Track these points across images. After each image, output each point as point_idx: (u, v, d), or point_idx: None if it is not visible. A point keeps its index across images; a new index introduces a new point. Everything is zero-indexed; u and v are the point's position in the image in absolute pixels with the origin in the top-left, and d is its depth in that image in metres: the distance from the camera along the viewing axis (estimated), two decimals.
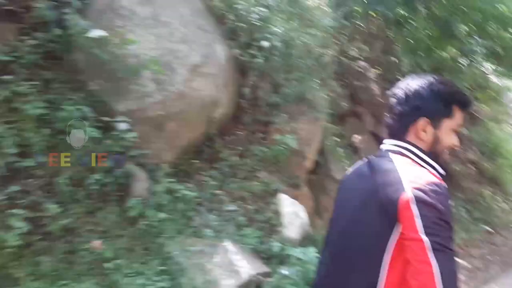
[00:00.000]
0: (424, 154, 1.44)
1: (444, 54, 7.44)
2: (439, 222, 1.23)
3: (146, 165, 3.78)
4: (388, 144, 1.50)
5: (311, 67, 4.94)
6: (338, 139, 6.02)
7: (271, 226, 4.11)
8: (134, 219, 3.51)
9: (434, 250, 1.19)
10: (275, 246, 3.88)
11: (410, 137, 1.46)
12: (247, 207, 4.12)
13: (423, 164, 1.42)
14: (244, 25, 4.66)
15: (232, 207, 4.02)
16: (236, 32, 4.69)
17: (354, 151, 6.51)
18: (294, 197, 4.61)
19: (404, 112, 1.46)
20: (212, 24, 4.61)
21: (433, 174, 1.39)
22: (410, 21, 7.15)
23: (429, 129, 1.44)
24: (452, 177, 8.48)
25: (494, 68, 9.54)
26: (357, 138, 6.61)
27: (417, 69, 7.86)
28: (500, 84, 11.20)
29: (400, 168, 1.37)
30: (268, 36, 4.60)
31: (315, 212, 5.20)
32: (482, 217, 8.21)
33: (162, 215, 3.59)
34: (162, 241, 3.44)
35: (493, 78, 11.00)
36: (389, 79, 7.87)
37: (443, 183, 1.32)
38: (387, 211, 1.30)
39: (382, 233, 1.31)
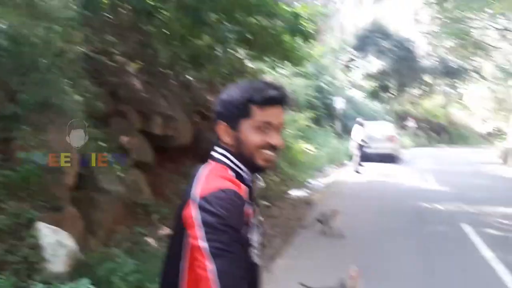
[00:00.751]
0: (234, 157, 1.45)
1: (200, 42, 7.45)
2: (218, 227, 1.24)
3: None
4: (212, 151, 1.51)
5: (52, 66, 4.19)
6: (104, 144, 5.41)
7: (30, 265, 3.32)
8: None
9: (213, 255, 1.22)
10: None
11: (222, 142, 1.48)
12: None
13: (235, 168, 1.43)
14: None
15: None
16: None
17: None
18: (58, 222, 3.88)
19: (213, 119, 1.50)
20: None
21: (233, 179, 1.39)
22: (162, 11, 6.91)
23: (229, 131, 1.44)
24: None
25: (247, 52, 10.12)
26: (125, 139, 6.09)
27: (175, 59, 7.74)
28: (254, 68, 12.08)
29: (201, 175, 1.40)
30: None
31: (88, 232, 4.54)
32: (258, 194, 8.68)
33: None
34: None
35: (248, 63, 11.78)
36: (151, 72, 7.55)
37: (234, 188, 1.32)
38: (182, 219, 1.35)
39: (182, 240, 1.35)
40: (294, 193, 10.18)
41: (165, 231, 5.67)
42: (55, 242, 3.49)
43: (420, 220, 7.88)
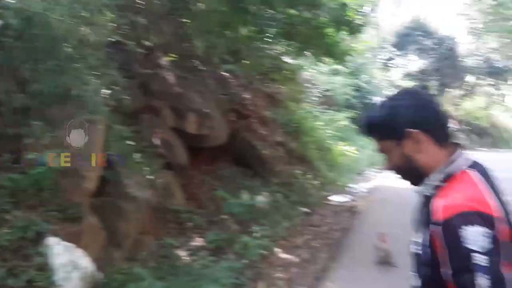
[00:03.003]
0: None
1: (241, 33, 6.75)
2: None
3: None
4: None
5: (73, 52, 3.59)
6: (132, 143, 4.82)
7: None
8: None
9: None
10: None
11: None
12: None
13: None
14: None
15: None
16: None
17: (156, 153, 5.38)
18: (75, 234, 3.28)
19: None
20: None
21: None
22: None
23: None
24: (265, 162, 8.06)
25: (285, 48, 9.38)
26: (157, 137, 5.49)
27: (212, 52, 7.11)
28: (293, 63, 11.33)
29: None
30: None
31: (110, 244, 3.93)
32: (298, 200, 7.95)
33: None
34: None
35: (286, 58, 11.05)
36: (184, 66, 6.94)
37: None
38: None
39: None
40: (335, 198, 9.38)
41: (198, 242, 5.03)
42: (68, 262, 2.88)
43: None
